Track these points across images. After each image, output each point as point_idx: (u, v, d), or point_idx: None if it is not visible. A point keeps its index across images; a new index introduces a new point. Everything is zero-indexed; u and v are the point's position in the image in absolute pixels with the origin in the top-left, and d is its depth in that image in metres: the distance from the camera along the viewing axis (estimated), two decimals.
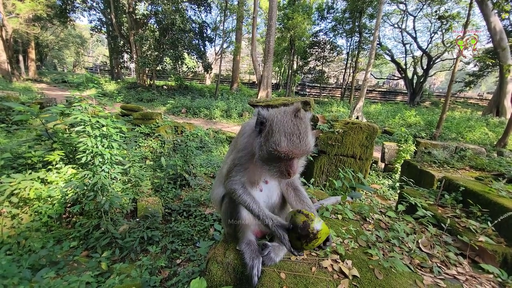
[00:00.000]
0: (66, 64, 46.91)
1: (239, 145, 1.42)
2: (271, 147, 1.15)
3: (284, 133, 1.14)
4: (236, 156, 1.41)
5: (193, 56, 23.37)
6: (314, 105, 5.87)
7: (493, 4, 10.23)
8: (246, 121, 1.52)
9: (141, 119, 7.96)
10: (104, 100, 4.12)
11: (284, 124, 1.16)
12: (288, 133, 1.14)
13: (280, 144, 1.13)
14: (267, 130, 1.20)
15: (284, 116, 1.18)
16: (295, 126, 1.15)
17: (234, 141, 1.58)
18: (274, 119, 1.19)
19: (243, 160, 1.37)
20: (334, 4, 26.62)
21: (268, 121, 1.21)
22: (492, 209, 2.13)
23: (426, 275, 1.46)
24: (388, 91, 32.52)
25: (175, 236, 3.51)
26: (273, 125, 1.17)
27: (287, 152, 1.14)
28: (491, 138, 11.83)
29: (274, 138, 1.15)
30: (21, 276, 2.15)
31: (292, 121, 1.16)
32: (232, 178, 1.38)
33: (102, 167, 3.36)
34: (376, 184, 6.09)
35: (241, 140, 1.42)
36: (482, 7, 14.42)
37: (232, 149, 1.56)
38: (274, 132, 1.16)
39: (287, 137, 1.14)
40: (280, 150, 1.14)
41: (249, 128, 1.41)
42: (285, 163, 1.20)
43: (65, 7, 21.34)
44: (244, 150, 1.37)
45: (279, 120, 1.17)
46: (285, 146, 1.13)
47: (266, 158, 1.22)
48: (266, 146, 1.18)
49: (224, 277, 1.45)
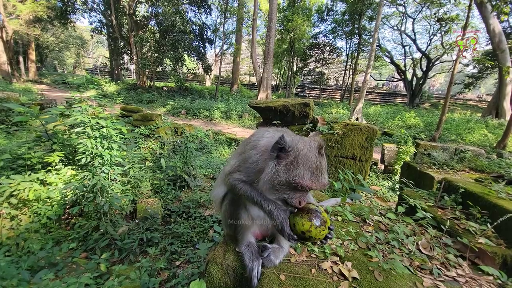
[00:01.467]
0: (66, 65, 46.97)
1: (247, 155, 1.37)
2: (294, 179, 1.17)
3: (308, 168, 1.17)
4: (241, 164, 1.37)
5: (193, 57, 23.43)
6: (313, 106, 5.88)
7: (492, 6, 10.29)
8: (260, 133, 1.44)
9: (141, 120, 7.96)
10: (104, 102, 4.13)
11: (309, 159, 1.18)
12: (313, 168, 1.17)
13: (303, 178, 1.16)
14: (290, 161, 1.19)
15: (309, 151, 1.20)
16: (318, 162, 1.19)
17: (242, 148, 1.50)
18: (300, 152, 1.19)
19: (249, 172, 1.34)
20: (334, 6, 26.74)
21: (293, 151, 1.20)
22: (492, 211, 2.13)
23: (426, 277, 1.46)
24: (387, 93, 32.60)
25: (175, 238, 3.50)
26: (299, 158, 1.18)
27: (309, 186, 1.17)
28: (491, 139, 11.85)
29: (298, 171, 1.16)
30: (20, 277, 2.14)
31: (317, 157, 1.20)
32: (234, 175, 1.38)
33: (102, 168, 3.35)
34: (376, 185, 6.09)
35: (252, 153, 1.35)
36: (481, 10, 14.50)
37: (238, 153, 1.50)
38: (299, 165, 1.17)
39: (311, 171, 1.17)
40: (303, 184, 1.16)
41: (264, 145, 1.35)
42: (299, 194, 1.21)
43: (66, 9, 21.41)
44: (252, 164, 1.33)
45: (304, 154, 1.19)
46: (308, 180, 1.16)
47: (281, 186, 1.21)
48: (287, 175, 1.18)
49: (223, 279, 1.45)
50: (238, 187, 1.34)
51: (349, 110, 18.01)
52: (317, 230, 1.17)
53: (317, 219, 1.18)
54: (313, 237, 1.18)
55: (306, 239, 1.20)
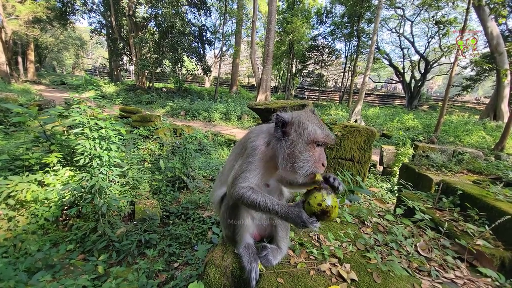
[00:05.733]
0: (65, 66, 46.92)
1: (248, 150, 1.36)
2: (308, 138, 1.23)
3: (315, 125, 1.27)
4: (244, 161, 1.35)
5: (192, 59, 23.46)
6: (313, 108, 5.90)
7: (490, 9, 10.38)
8: (253, 127, 1.50)
9: (140, 121, 7.95)
10: (103, 102, 4.11)
11: (312, 119, 1.29)
12: (319, 124, 1.28)
13: (317, 132, 1.24)
14: (295, 127, 1.26)
15: (307, 113, 1.31)
16: (319, 121, 1.31)
17: (239, 146, 1.51)
18: (301, 116, 1.29)
19: (253, 166, 1.32)
20: (333, 8, 26.89)
21: (294, 119, 1.28)
22: (490, 212, 2.14)
23: (424, 278, 1.46)
24: (386, 95, 32.74)
25: (173, 239, 3.48)
26: (302, 120, 1.27)
27: (324, 139, 1.25)
28: (489, 142, 11.89)
29: (309, 129, 1.24)
30: (17, 279, 2.12)
31: (316, 117, 1.32)
32: (240, 184, 1.30)
33: (100, 169, 3.34)
34: (375, 187, 6.10)
35: (251, 145, 1.36)
36: (479, 13, 14.61)
37: (237, 153, 1.49)
38: (306, 125, 1.25)
39: (319, 126, 1.27)
40: (319, 138, 1.24)
41: (266, 130, 1.39)
42: (318, 153, 1.26)
43: (65, 10, 21.37)
44: (255, 156, 1.33)
45: (305, 116, 1.29)
46: (321, 134, 1.25)
47: (303, 153, 1.24)
48: (301, 140, 1.24)
49: (222, 281, 1.44)
50: (246, 195, 1.27)
51: (348, 112, 18.06)
52: (329, 197, 1.19)
53: (324, 189, 1.22)
54: (330, 206, 1.17)
55: (325, 213, 1.18)
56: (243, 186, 1.30)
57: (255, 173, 1.32)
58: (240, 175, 1.32)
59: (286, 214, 1.20)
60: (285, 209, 1.21)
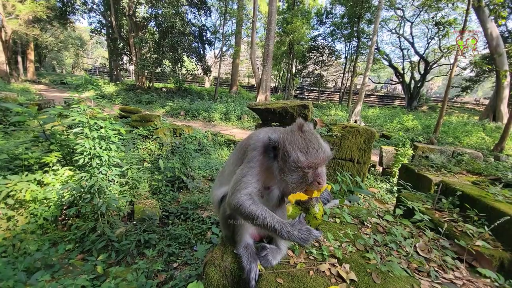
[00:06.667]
0: (65, 65, 46.89)
1: (249, 157, 1.35)
2: (292, 167, 1.20)
3: (299, 149, 1.19)
4: (245, 166, 1.34)
5: (192, 59, 23.46)
6: (312, 108, 5.90)
7: (490, 10, 10.41)
8: (257, 134, 1.43)
9: (140, 121, 7.95)
10: (103, 102, 4.11)
11: (295, 142, 1.21)
12: (303, 147, 1.19)
13: (299, 160, 1.18)
14: (282, 154, 1.23)
15: (292, 135, 1.24)
16: (305, 140, 1.21)
17: (240, 151, 1.48)
18: (285, 141, 1.23)
19: (254, 171, 1.32)
20: (333, 9, 26.91)
21: (280, 144, 1.24)
22: (489, 213, 2.14)
23: (424, 279, 1.46)
24: (386, 96, 32.77)
25: (172, 240, 3.48)
26: (286, 147, 1.21)
27: (309, 165, 1.19)
28: (488, 142, 11.92)
29: (292, 157, 1.19)
30: (16, 278, 2.12)
31: (302, 137, 1.22)
32: (241, 190, 1.27)
33: (100, 169, 3.34)
34: (374, 188, 6.11)
35: (251, 155, 1.35)
36: (479, 14, 14.65)
37: (237, 157, 1.47)
38: (290, 152, 1.20)
39: (303, 151, 1.19)
40: (302, 165, 1.18)
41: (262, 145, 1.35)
42: (312, 175, 1.22)
43: (65, 9, 21.36)
44: (256, 162, 1.33)
45: (289, 140, 1.22)
46: (305, 160, 1.18)
47: (292, 178, 1.23)
48: (287, 167, 1.21)
49: (221, 281, 1.44)
50: (245, 205, 1.23)
51: (348, 112, 18.08)
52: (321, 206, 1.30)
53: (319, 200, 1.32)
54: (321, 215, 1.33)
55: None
56: (244, 193, 1.26)
57: (257, 179, 1.31)
58: (241, 179, 1.30)
59: (289, 233, 1.18)
60: (288, 228, 1.18)
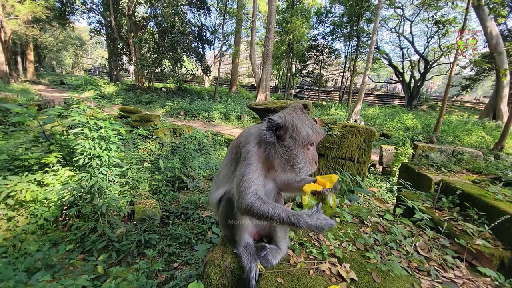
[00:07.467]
0: (65, 66, 46.86)
1: (243, 154, 1.35)
2: (304, 142, 1.29)
3: (307, 126, 1.31)
4: (242, 165, 1.33)
5: (192, 58, 23.43)
6: (312, 108, 5.89)
7: (489, 9, 10.40)
8: (247, 129, 1.47)
9: (140, 121, 7.94)
10: (103, 102, 4.11)
11: (303, 120, 1.32)
12: (310, 124, 1.32)
13: (310, 136, 1.29)
14: (290, 133, 1.29)
15: (298, 115, 1.34)
16: (309, 119, 1.35)
17: (232, 151, 1.49)
18: (294, 120, 1.30)
19: (253, 167, 1.31)
20: (332, 8, 26.86)
21: (287, 123, 1.29)
22: (489, 212, 2.14)
23: (424, 278, 1.47)
24: (386, 95, 32.73)
25: (173, 239, 3.48)
26: (297, 124, 1.29)
27: (317, 138, 1.33)
28: (488, 141, 11.91)
29: (303, 133, 1.28)
30: (17, 279, 2.12)
31: (305, 115, 1.36)
32: (246, 191, 1.26)
33: (100, 169, 3.34)
34: (374, 187, 6.11)
35: (243, 149, 1.35)
36: (479, 12, 14.63)
37: (231, 158, 1.48)
38: (301, 129, 1.29)
39: (311, 127, 1.31)
40: (313, 139, 1.30)
41: (254, 137, 1.37)
42: (312, 153, 1.34)
43: (65, 9, 21.34)
44: (251, 158, 1.32)
45: (297, 119, 1.32)
46: (313, 135, 1.30)
47: (301, 156, 1.30)
48: (297, 144, 1.29)
49: (221, 281, 1.44)
50: (256, 206, 1.23)
51: (348, 111, 18.07)
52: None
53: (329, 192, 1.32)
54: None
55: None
56: (250, 193, 1.26)
57: (257, 174, 1.32)
58: (242, 179, 1.29)
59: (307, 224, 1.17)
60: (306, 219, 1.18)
